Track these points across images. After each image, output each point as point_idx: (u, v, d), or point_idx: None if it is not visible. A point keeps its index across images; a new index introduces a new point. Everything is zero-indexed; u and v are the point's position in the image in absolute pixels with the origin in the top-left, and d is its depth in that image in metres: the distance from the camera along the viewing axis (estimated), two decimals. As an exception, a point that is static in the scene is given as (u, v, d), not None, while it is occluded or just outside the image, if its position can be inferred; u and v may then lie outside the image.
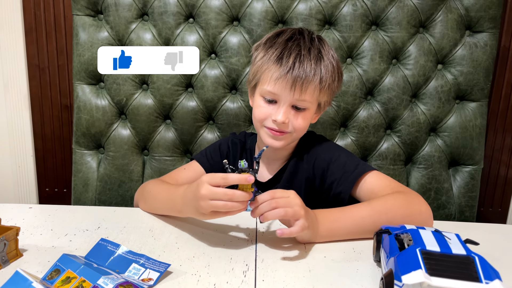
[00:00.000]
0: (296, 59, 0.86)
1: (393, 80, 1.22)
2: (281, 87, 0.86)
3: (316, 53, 0.88)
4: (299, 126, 0.89)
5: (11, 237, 0.69)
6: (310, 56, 0.87)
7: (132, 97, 1.24)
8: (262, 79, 0.89)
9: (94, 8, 1.21)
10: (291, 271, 0.69)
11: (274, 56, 0.87)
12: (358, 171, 0.89)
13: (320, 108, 0.94)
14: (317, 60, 0.87)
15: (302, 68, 0.85)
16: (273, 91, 0.87)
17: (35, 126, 1.49)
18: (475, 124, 1.23)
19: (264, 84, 0.88)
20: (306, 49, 0.87)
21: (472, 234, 0.70)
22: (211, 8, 1.20)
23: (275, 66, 0.86)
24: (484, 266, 0.54)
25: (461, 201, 1.25)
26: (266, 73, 0.88)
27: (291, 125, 0.88)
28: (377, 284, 0.65)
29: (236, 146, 1.03)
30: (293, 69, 0.85)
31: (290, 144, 0.97)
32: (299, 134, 0.92)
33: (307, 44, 0.88)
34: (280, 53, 0.87)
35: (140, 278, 0.64)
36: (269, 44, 0.91)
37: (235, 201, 0.68)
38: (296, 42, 0.88)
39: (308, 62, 0.86)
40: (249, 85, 0.96)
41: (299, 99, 0.87)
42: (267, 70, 0.88)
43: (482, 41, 1.20)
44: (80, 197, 1.27)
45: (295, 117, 0.88)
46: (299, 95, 0.86)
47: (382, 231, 0.69)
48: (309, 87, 0.86)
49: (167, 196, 0.86)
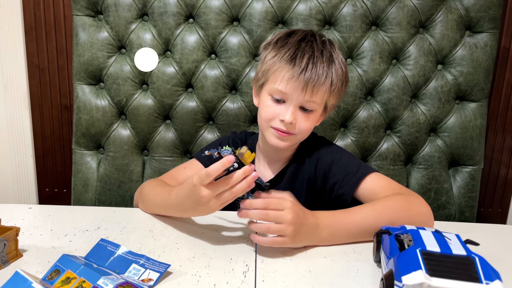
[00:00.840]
0: (310, 61, 0.86)
1: (393, 80, 1.22)
2: (293, 88, 0.86)
3: (328, 56, 0.88)
4: (305, 128, 0.89)
5: (11, 238, 0.69)
6: (322, 59, 0.87)
7: (132, 97, 1.24)
8: (272, 78, 0.89)
9: (94, 8, 1.21)
10: (291, 272, 0.69)
11: (287, 56, 0.87)
12: (360, 173, 0.89)
13: (326, 111, 0.94)
14: (329, 63, 0.88)
15: (315, 70, 0.85)
16: (284, 90, 0.86)
17: (35, 126, 1.49)
18: (475, 125, 1.23)
19: (275, 83, 0.88)
20: (319, 51, 0.88)
21: (472, 235, 0.70)
22: (211, 8, 1.20)
23: (288, 65, 0.86)
24: (484, 267, 0.54)
25: (461, 201, 1.25)
26: (277, 72, 0.88)
27: (297, 126, 0.88)
28: (377, 284, 0.65)
29: (236, 145, 1.03)
30: (306, 70, 0.85)
31: (295, 146, 0.97)
32: (303, 136, 0.92)
33: (319, 47, 0.89)
34: (293, 53, 0.87)
35: (140, 278, 0.64)
36: (280, 44, 0.90)
37: (238, 184, 0.68)
38: (309, 43, 0.89)
39: (321, 64, 0.86)
40: (256, 83, 0.95)
41: (309, 101, 0.87)
42: (279, 69, 0.87)
43: (482, 42, 1.20)
44: (80, 197, 1.27)
45: (302, 119, 0.88)
46: (310, 96, 0.86)
47: (382, 231, 0.69)
48: (320, 89, 0.86)
49: (162, 201, 0.86)
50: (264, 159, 1.01)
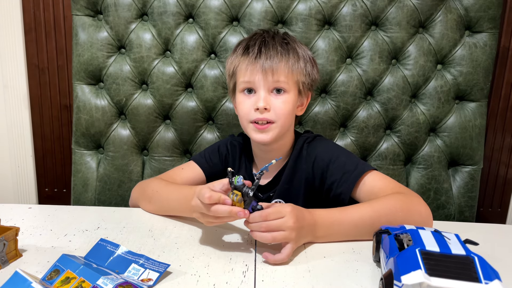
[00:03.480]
0: (262, 45, 0.91)
1: (392, 80, 1.22)
2: (253, 74, 0.89)
3: (281, 40, 0.93)
4: (282, 112, 0.90)
5: (11, 238, 0.69)
6: (275, 41, 0.92)
7: (131, 97, 1.24)
8: (237, 75, 0.93)
9: (94, 8, 1.21)
10: (290, 272, 0.69)
11: (241, 50, 0.93)
12: (357, 172, 0.89)
13: (302, 94, 0.95)
14: (283, 44, 0.92)
15: (268, 52, 0.90)
16: (248, 79, 0.90)
17: (35, 126, 1.49)
18: (474, 124, 1.23)
19: (240, 77, 0.92)
20: (270, 37, 0.93)
21: (472, 234, 0.70)
22: (211, 8, 1.20)
23: (244, 57, 0.91)
24: (484, 266, 0.54)
25: (461, 201, 1.25)
26: (239, 68, 0.92)
27: (273, 111, 0.89)
28: (377, 284, 0.65)
29: (235, 148, 1.03)
30: (260, 53, 0.90)
31: (287, 144, 0.97)
32: (283, 122, 0.90)
33: (270, 34, 0.95)
34: (245, 45, 0.93)
35: (139, 278, 0.64)
36: (236, 46, 0.97)
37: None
38: (260, 35, 0.95)
39: (273, 46, 0.91)
40: (230, 92, 0.99)
41: (273, 80, 0.89)
42: (239, 64, 0.92)
43: (481, 41, 1.20)
44: (80, 197, 1.27)
45: (276, 101, 0.89)
46: (272, 75, 0.88)
47: (381, 231, 0.69)
48: (279, 66, 0.89)
49: (177, 197, 0.86)
50: (260, 160, 1.01)
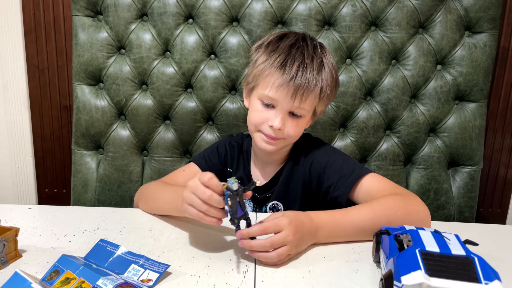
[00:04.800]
0: (300, 68, 0.86)
1: (392, 80, 1.22)
2: (282, 94, 0.86)
3: (319, 62, 0.88)
4: (293, 133, 0.90)
5: (10, 238, 0.69)
6: (313, 66, 0.87)
7: (131, 97, 1.24)
8: (262, 83, 0.89)
9: (94, 8, 1.21)
10: (290, 272, 0.69)
11: (277, 63, 0.87)
12: (354, 175, 0.89)
13: (315, 116, 0.95)
14: (319, 69, 0.88)
15: (304, 77, 0.85)
16: (274, 97, 0.87)
17: (35, 126, 1.49)
18: (474, 125, 1.23)
19: (265, 89, 0.88)
20: (310, 58, 0.88)
21: (472, 235, 0.70)
22: (211, 8, 1.20)
23: (278, 72, 0.86)
24: (484, 267, 0.54)
25: (461, 201, 1.25)
26: (268, 78, 0.88)
27: (286, 131, 0.89)
28: (377, 284, 0.65)
29: (233, 148, 1.04)
30: (296, 77, 0.85)
31: (285, 148, 0.97)
32: (291, 140, 0.93)
33: (310, 53, 0.88)
34: (284, 59, 0.87)
35: (139, 278, 0.64)
36: (271, 48, 0.90)
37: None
38: (300, 49, 0.88)
39: (311, 71, 0.86)
40: (246, 86, 0.96)
41: (298, 107, 0.87)
42: (269, 75, 0.87)
43: (481, 42, 1.20)
44: (80, 197, 1.27)
45: (290, 124, 0.89)
46: (299, 103, 0.86)
47: (381, 231, 0.69)
48: (309, 96, 0.87)
49: (170, 195, 0.86)
50: (258, 161, 1.01)
